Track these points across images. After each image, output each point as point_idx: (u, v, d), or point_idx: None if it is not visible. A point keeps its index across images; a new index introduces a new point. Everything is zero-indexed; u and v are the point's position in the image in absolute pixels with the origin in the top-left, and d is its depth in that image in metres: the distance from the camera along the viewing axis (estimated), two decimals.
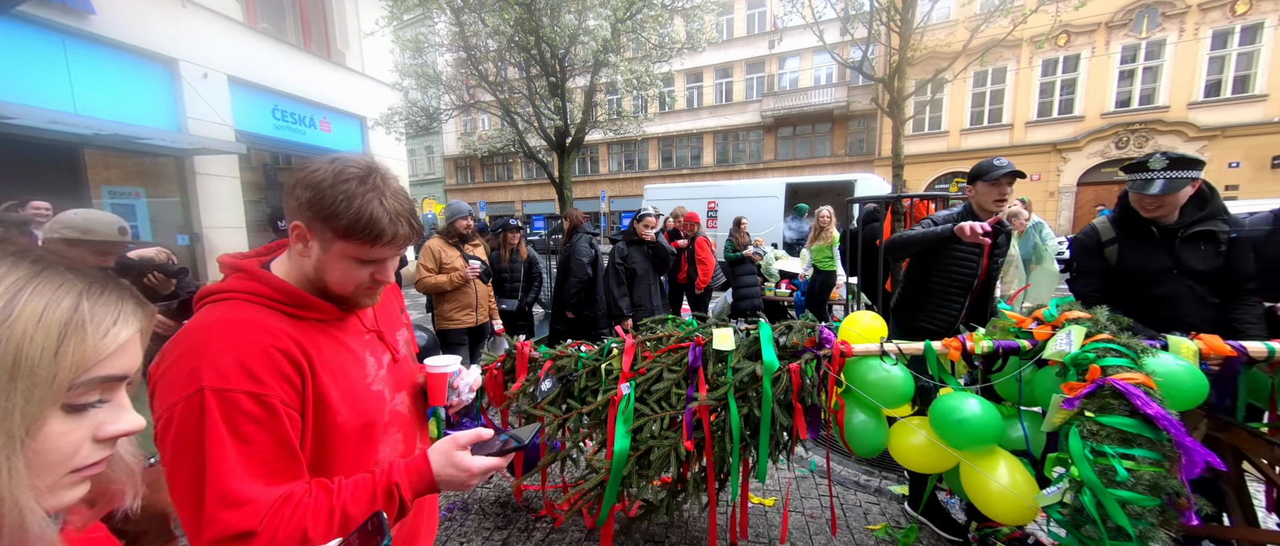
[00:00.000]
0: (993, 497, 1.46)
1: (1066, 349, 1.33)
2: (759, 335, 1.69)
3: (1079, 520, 1.23)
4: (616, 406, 1.70)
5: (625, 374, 1.78)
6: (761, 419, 1.61)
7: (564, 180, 12.32)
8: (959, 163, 15.47)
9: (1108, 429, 1.21)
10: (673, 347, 1.81)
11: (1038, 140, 14.61)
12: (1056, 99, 14.48)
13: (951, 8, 13.58)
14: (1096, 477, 1.19)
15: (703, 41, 12.55)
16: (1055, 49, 14.17)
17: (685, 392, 1.69)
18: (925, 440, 1.60)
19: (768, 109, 18.73)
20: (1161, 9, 12.96)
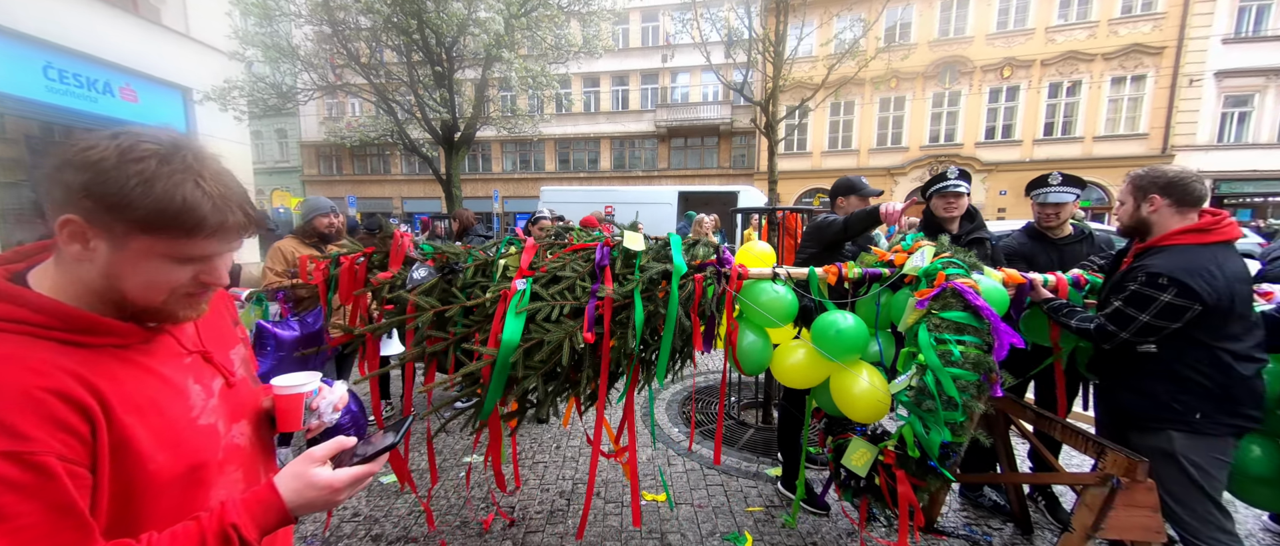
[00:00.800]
0: (856, 399, 1.76)
1: (920, 263, 1.70)
2: (669, 241, 1.76)
3: (921, 398, 1.57)
4: (507, 302, 1.61)
5: (523, 271, 1.70)
6: (666, 319, 1.64)
7: (453, 178, 11.48)
8: (821, 180, 17.83)
9: (948, 321, 1.57)
10: (580, 247, 1.78)
11: (877, 164, 17.48)
12: (890, 131, 17.51)
13: (813, 46, 15.61)
14: (938, 359, 1.53)
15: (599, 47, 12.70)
16: (889, 91, 17.11)
17: (590, 287, 1.66)
18: (804, 357, 1.86)
19: (661, 119, 19.60)
20: (958, 66, 16.44)
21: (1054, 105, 15.80)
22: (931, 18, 16.39)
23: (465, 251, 1.86)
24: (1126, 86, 15.09)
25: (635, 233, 1.77)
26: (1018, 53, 15.80)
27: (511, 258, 1.78)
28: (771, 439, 3.30)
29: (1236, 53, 14.14)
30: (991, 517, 2.49)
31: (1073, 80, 15.49)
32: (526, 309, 1.59)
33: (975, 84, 16.36)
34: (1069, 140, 15.72)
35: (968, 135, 16.62)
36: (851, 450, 1.83)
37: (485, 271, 1.79)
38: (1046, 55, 15.53)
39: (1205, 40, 14.26)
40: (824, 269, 1.83)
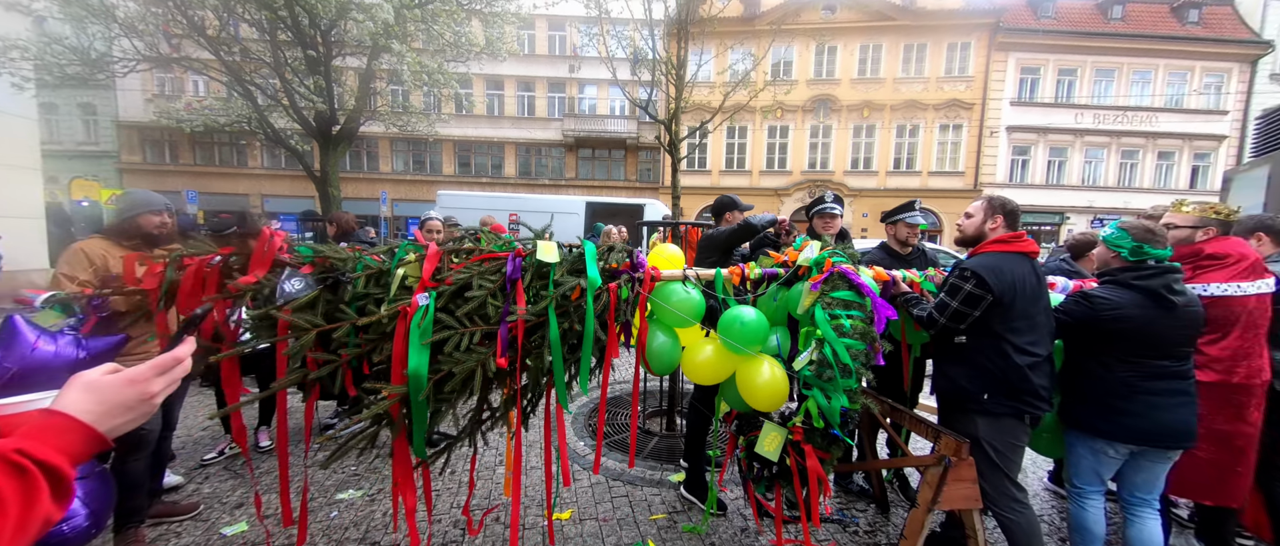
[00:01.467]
0: (759, 388, 1.91)
1: (811, 256, 1.96)
2: (583, 252, 1.70)
3: (820, 371, 1.76)
4: (408, 320, 1.43)
5: (425, 282, 1.52)
6: (584, 334, 1.59)
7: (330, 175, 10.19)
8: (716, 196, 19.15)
9: (837, 299, 1.81)
10: (486, 258, 1.63)
11: (767, 185, 19.29)
12: (777, 156, 19.47)
13: (712, 73, 16.82)
14: (833, 332, 1.75)
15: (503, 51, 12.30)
16: (775, 120, 19.05)
17: (501, 306, 1.54)
18: (712, 353, 1.97)
19: (569, 129, 19.53)
20: (830, 104, 18.91)
21: (901, 143, 18.90)
22: (809, 59, 18.67)
23: (353, 257, 1.61)
24: (949, 132, 18.63)
25: (548, 243, 1.69)
26: (873, 97, 18.66)
27: (411, 266, 1.58)
28: (676, 446, 3.40)
29: (1019, 113, 18.29)
30: (858, 501, 2.83)
31: (913, 124, 18.71)
32: (432, 338, 1.44)
33: (843, 120, 18.94)
34: (911, 173, 18.90)
35: (838, 164, 19.13)
36: (763, 436, 1.94)
37: (379, 281, 1.57)
38: (894, 101, 18.57)
39: (1000, 101, 18.23)
40: (729, 270, 1.97)
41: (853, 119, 18.91)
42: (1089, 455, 1.99)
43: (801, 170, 19.26)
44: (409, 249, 1.62)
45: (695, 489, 2.77)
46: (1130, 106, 18.05)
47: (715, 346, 1.96)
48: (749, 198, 17.77)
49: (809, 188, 18.97)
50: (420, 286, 1.51)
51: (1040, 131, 18.29)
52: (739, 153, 19.57)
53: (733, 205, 2.95)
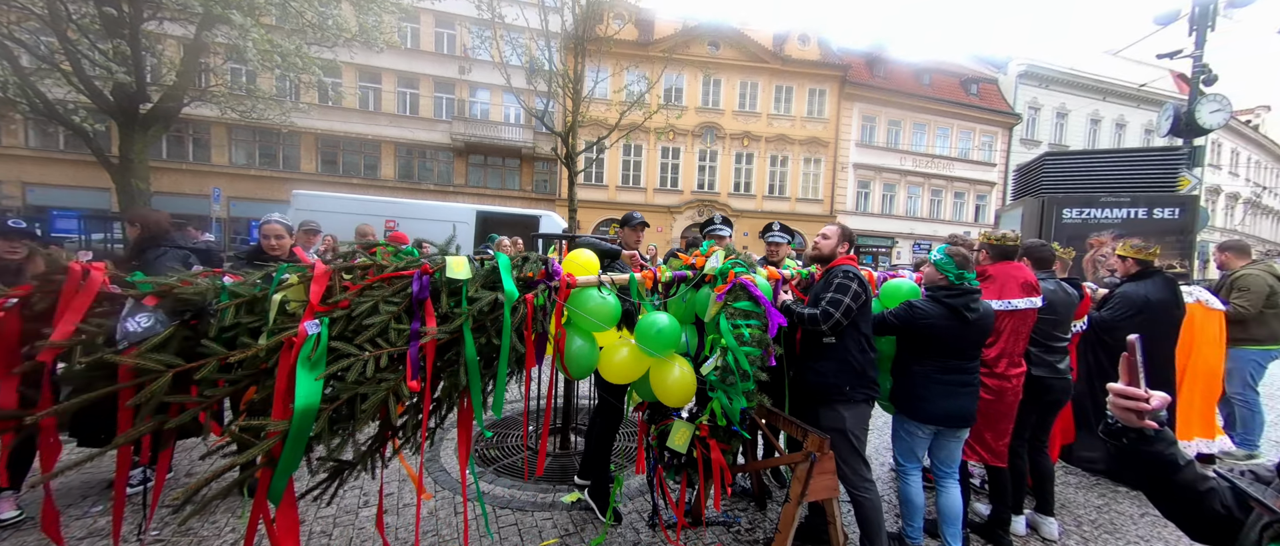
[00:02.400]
0: (672, 386, 2.05)
1: (716, 265, 2.14)
2: (497, 265, 1.68)
3: (725, 375, 1.96)
4: (294, 352, 1.29)
5: (314, 308, 1.37)
6: (502, 349, 1.57)
7: (133, 163, 8.18)
8: (616, 210, 19.51)
9: (739, 309, 2.01)
10: (388, 277, 1.52)
11: (660, 202, 20.22)
12: (670, 175, 20.57)
13: (608, 90, 17.24)
14: (735, 341, 1.95)
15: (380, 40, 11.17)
16: (668, 141, 20.15)
17: (407, 327, 1.45)
18: (628, 355, 2.05)
19: (458, 133, 18.34)
20: (715, 131, 20.63)
21: (774, 172, 21.32)
22: (697, 88, 20.19)
23: (213, 285, 1.40)
24: (811, 165, 21.55)
25: (458, 258, 1.62)
26: (751, 129, 20.82)
27: (293, 289, 1.41)
28: (569, 465, 3.30)
29: (862, 153, 21.90)
30: (740, 500, 3.01)
31: (783, 155, 21.26)
32: (329, 369, 1.31)
33: (727, 147, 20.76)
34: (783, 199, 21.38)
35: (723, 186, 20.86)
36: (674, 432, 2.11)
37: (252, 308, 1.39)
38: (768, 134, 20.94)
39: (849, 142, 21.64)
40: (641, 274, 2.10)
41: (735, 146, 20.85)
42: (905, 436, 2.43)
43: (692, 190, 20.59)
44: (290, 271, 1.45)
45: (599, 496, 2.72)
46: (936, 155, 22.78)
47: (630, 347, 2.05)
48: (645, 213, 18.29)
49: (698, 206, 20.33)
50: (308, 312, 1.36)
51: (877, 170, 22.10)
52: (635, 170, 20.25)
53: (627, 220, 3.10)
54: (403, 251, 1.66)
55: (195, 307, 1.34)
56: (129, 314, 1.27)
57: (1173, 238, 5.63)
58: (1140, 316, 3.01)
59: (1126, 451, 0.90)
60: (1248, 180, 29.99)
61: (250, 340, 1.34)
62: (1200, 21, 7.66)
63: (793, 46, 21.19)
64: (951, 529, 2.39)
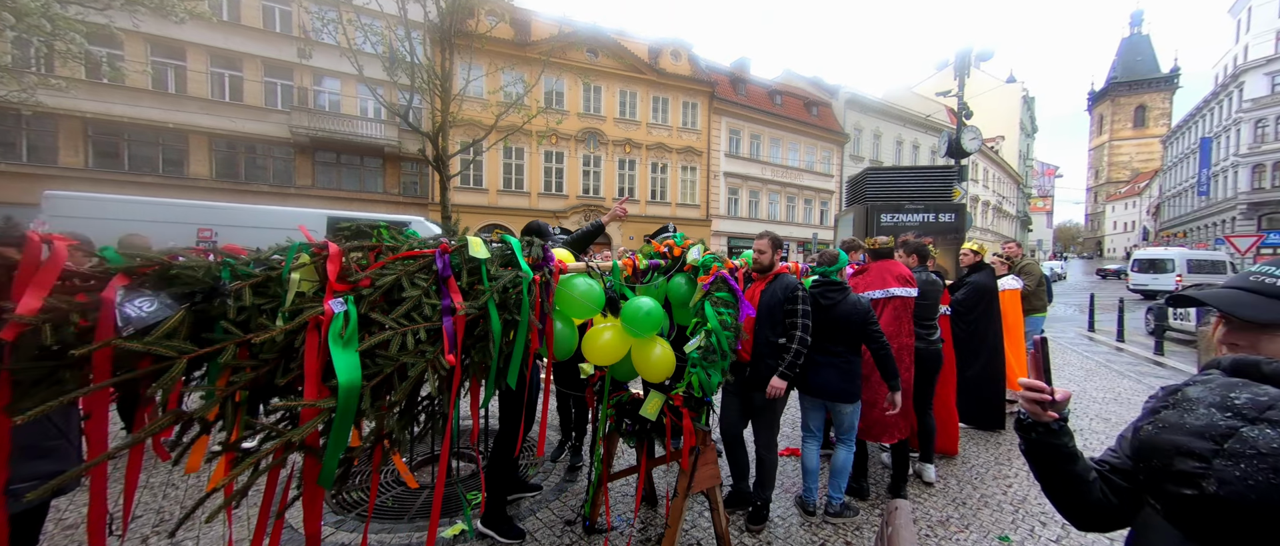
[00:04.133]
0: (653, 362, 2.24)
1: (697, 257, 2.36)
2: (511, 245, 1.79)
3: (707, 354, 2.20)
4: (323, 331, 1.27)
5: (335, 286, 1.36)
6: (520, 325, 1.66)
7: None
8: (497, 216, 18.54)
9: (720, 298, 2.29)
10: (406, 255, 1.57)
11: (546, 207, 19.78)
12: (554, 180, 20.26)
13: (484, 89, 16.35)
14: (718, 325, 2.20)
15: (180, 9, 9.03)
16: (551, 146, 19.85)
17: (438, 303, 1.50)
18: (612, 336, 2.21)
19: (300, 125, 15.68)
20: (599, 136, 20.92)
21: (655, 178, 22.36)
22: (578, 94, 20.26)
23: (212, 264, 1.32)
24: (688, 173, 23.11)
25: (475, 239, 1.73)
26: (633, 136, 21.58)
27: (304, 270, 1.38)
28: (451, 493, 3.00)
29: (731, 163, 24.16)
30: (631, 501, 3.04)
31: (663, 163, 22.44)
32: (368, 343, 1.32)
33: (610, 153, 21.19)
34: (664, 204, 22.53)
35: (608, 191, 21.21)
36: (648, 401, 2.35)
37: (262, 290, 1.34)
38: (648, 142, 21.91)
39: (719, 152, 23.70)
40: (622, 261, 2.30)
41: (618, 153, 21.38)
42: (802, 408, 2.90)
43: (577, 194, 20.54)
44: (301, 251, 1.42)
45: (496, 521, 2.51)
46: (789, 166, 26.17)
47: (614, 330, 2.22)
48: (534, 217, 17.88)
49: (584, 211, 20.35)
50: (329, 291, 1.35)
51: (743, 178, 24.59)
52: (517, 173, 19.51)
53: (541, 231, 3.08)
54: (414, 240, 1.64)
55: (205, 288, 1.24)
56: (127, 298, 1.15)
57: (951, 235, 7.31)
58: (985, 299, 3.95)
59: (1035, 444, 0.99)
60: (994, 192, 40.28)
61: (268, 321, 1.28)
62: (961, 69, 10.02)
63: (666, 60, 22.52)
64: (836, 482, 2.85)
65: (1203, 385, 0.56)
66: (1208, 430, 0.51)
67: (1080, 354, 8.14)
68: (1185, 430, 0.52)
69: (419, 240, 1.63)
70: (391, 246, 1.57)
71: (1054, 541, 2.71)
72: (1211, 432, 0.50)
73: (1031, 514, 2.98)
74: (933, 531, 2.77)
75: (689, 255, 2.38)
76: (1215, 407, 0.52)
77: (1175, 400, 0.58)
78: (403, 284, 1.46)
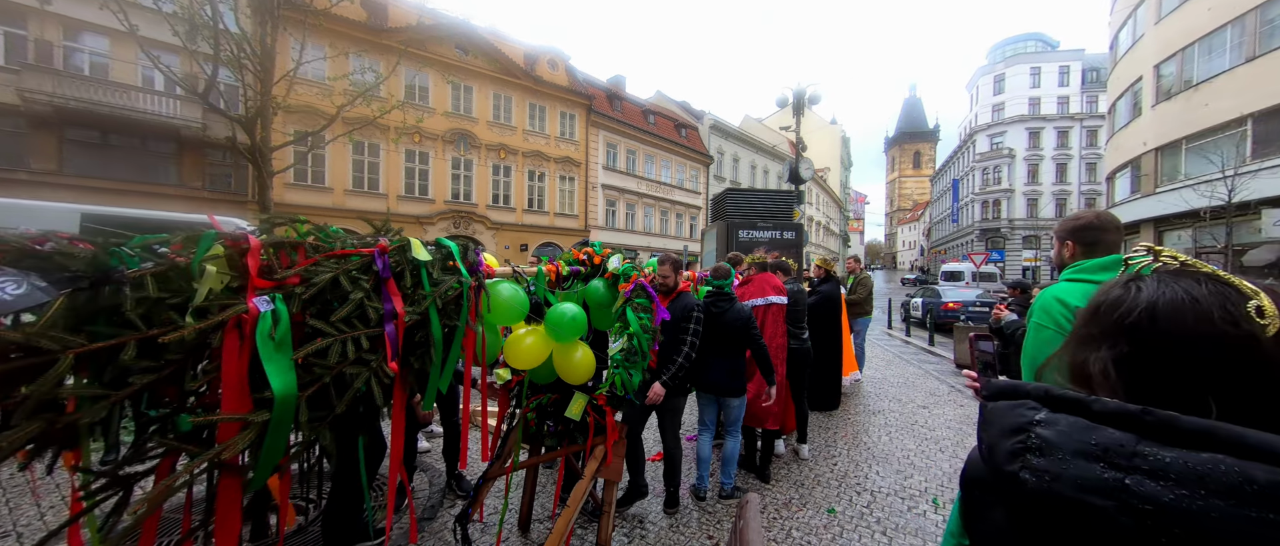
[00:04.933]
0: (576, 364, 2.34)
1: (617, 266, 2.56)
2: (450, 249, 1.79)
3: (629, 354, 2.38)
4: (247, 332, 1.13)
5: (257, 282, 1.21)
6: (458, 330, 1.65)
7: None
8: (346, 219, 16.04)
9: (640, 304, 2.48)
10: (339, 254, 1.45)
11: (407, 211, 17.78)
12: (417, 182, 18.34)
13: (325, 72, 14.15)
14: (639, 328, 2.40)
15: None
16: (413, 144, 17.98)
17: (380, 308, 1.42)
18: (534, 341, 2.27)
19: (36, 89, 11.62)
20: (470, 139, 19.62)
21: (532, 186, 21.76)
22: (446, 92, 18.77)
23: (102, 249, 1.10)
24: (567, 183, 23.01)
25: (416, 241, 1.68)
26: (508, 142, 20.74)
27: (218, 262, 1.19)
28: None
29: (609, 176, 24.73)
30: None
31: (541, 171, 21.97)
32: (304, 351, 1.22)
33: (483, 157, 20.02)
34: (541, 213, 22.03)
35: (480, 197, 19.96)
36: (573, 403, 2.50)
37: (165, 282, 1.15)
38: (525, 149, 21.28)
39: (597, 164, 24.09)
40: (547, 267, 2.44)
41: (492, 158, 20.30)
42: (698, 404, 3.28)
43: (445, 200, 18.91)
44: (212, 240, 1.23)
45: None
46: (662, 182, 27.82)
47: (536, 335, 2.29)
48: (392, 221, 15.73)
49: (454, 218, 18.82)
50: (252, 288, 1.20)
51: (620, 191, 25.36)
52: (371, 172, 17.19)
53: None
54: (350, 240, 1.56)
55: (93, 275, 1.06)
56: None
57: (793, 250, 8.51)
58: (830, 304, 4.89)
59: None
60: (823, 214, 48.21)
61: (176, 317, 1.12)
62: (797, 107, 11.80)
63: (543, 69, 22.25)
64: (727, 469, 3.27)
65: (1051, 427, 0.53)
66: (1096, 486, 0.48)
67: (882, 347, 10.06)
68: (1074, 485, 0.49)
69: (343, 239, 1.52)
70: (322, 243, 1.44)
71: (866, 508, 3.24)
72: (1100, 488, 0.48)
73: (850, 486, 3.54)
74: (779, 514, 3.12)
75: (609, 264, 2.58)
76: (1082, 457, 0.49)
77: (1034, 444, 0.53)
78: (341, 284, 1.34)
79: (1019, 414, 0.56)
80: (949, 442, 4.45)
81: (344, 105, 10.44)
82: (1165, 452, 0.47)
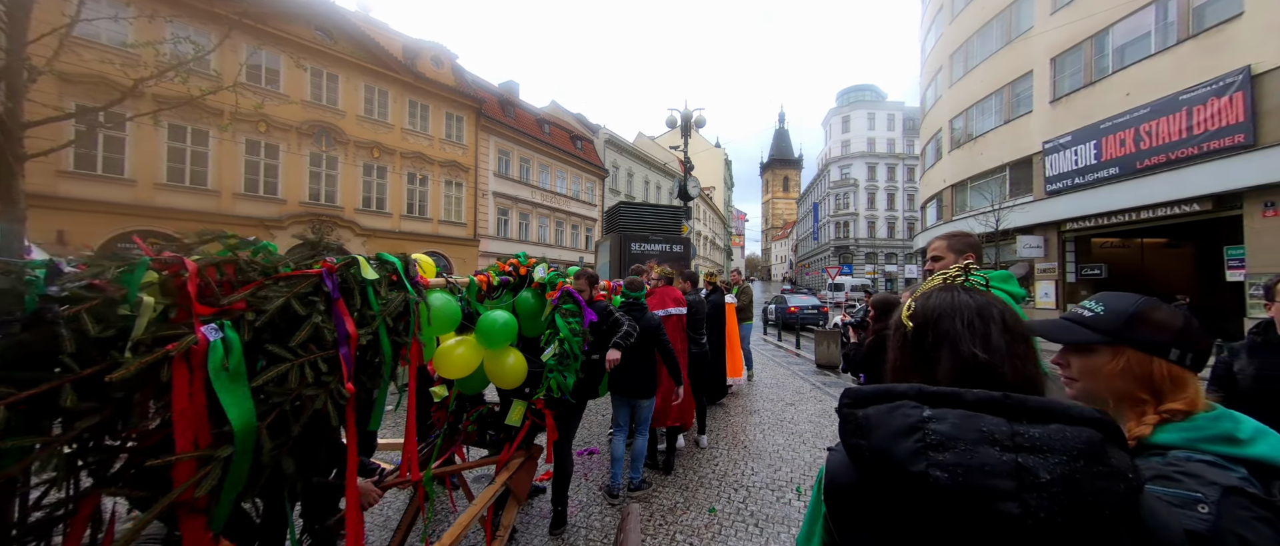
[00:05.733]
0: (507, 370, 2.45)
1: (542, 275, 2.70)
2: (395, 264, 1.74)
3: (563, 359, 2.57)
4: (191, 361, 1.10)
5: (199, 310, 1.16)
6: (397, 348, 1.63)
7: None
8: (154, 220, 12.88)
9: (568, 309, 2.65)
10: (290, 276, 1.40)
11: (248, 212, 14.92)
12: (262, 179, 15.53)
13: (128, 34, 11.34)
14: (568, 332, 2.57)
15: None
16: (259, 135, 15.25)
17: (334, 329, 1.41)
18: (464, 350, 2.32)
19: None
20: (334, 134, 17.26)
21: (413, 190, 19.85)
22: (304, 78, 16.32)
23: (19, 278, 1.03)
24: (453, 189, 21.46)
25: (363, 258, 1.60)
26: (382, 140, 18.71)
27: (151, 289, 1.14)
28: None
29: (500, 184, 23.66)
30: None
31: (423, 174, 20.18)
32: (262, 378, 1.22)
33: (350, 155, 17.73)
34: (424, 219, 20.19)
35: (347, 200, 17.61)
36: (512, 409, 2.63)
37: (100, 315, 1.08)
38: (404, 149, 19.38)
39: (488, 170, 22.90)
40: (478, 277, 2.50)
41: (362, 156, 18.09)
42: (613, 407, 3.54)
43: (300, 200, 16.30)
44: (146, 266, 1.16)
45: None
46: (557, 193, 27.47)
47: (466, 345, 2.34)
48: (224, 224, 13.00)
49: (312, 221, 16.29)
50: (198, 315, 1.16)
51: (513, 200, 24.43)
52: (193, 163, 14.12)
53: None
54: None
55: (23, 314, 0.98)
56: None
57: (681, 263, 9.01)
58: (720, 311, 5.53)
59: None
60: (709, 229, 51.97)
61: (117, 355, 1.06)
62: (685, 128, 12.60)
63: (426, 65, 20.63)
64: (636, 464, 3.58)
65: (942, 422, 0.55)
66: (999, 469, 0.51)
67: (758, 351, 11.10)
68: (982, 471, 0.51)
69: (282, 258, 1.47)
70: (264, 265, 1.38)
71: (742, 503, 3.50)
72: (1002, 471, 0.51)
73: (729, 484, 3.80)
74: (664, 519, 3.22)
75: (535, 273, 2.71)
76: (983, 443, 0.53)
77: (933, 440, 0.54)
78: (294, 307, 1.33)
79: (904, 414, 0.57)
80: (810, 435, 5.02)
81: (146, 79, 8.37)
82: (1033, 430, 0.54)
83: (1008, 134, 17.28)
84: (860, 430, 0.61)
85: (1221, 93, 10.53)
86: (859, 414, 0.62)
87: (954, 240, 1.94)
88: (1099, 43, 13.84)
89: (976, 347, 0.66)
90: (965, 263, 0.79)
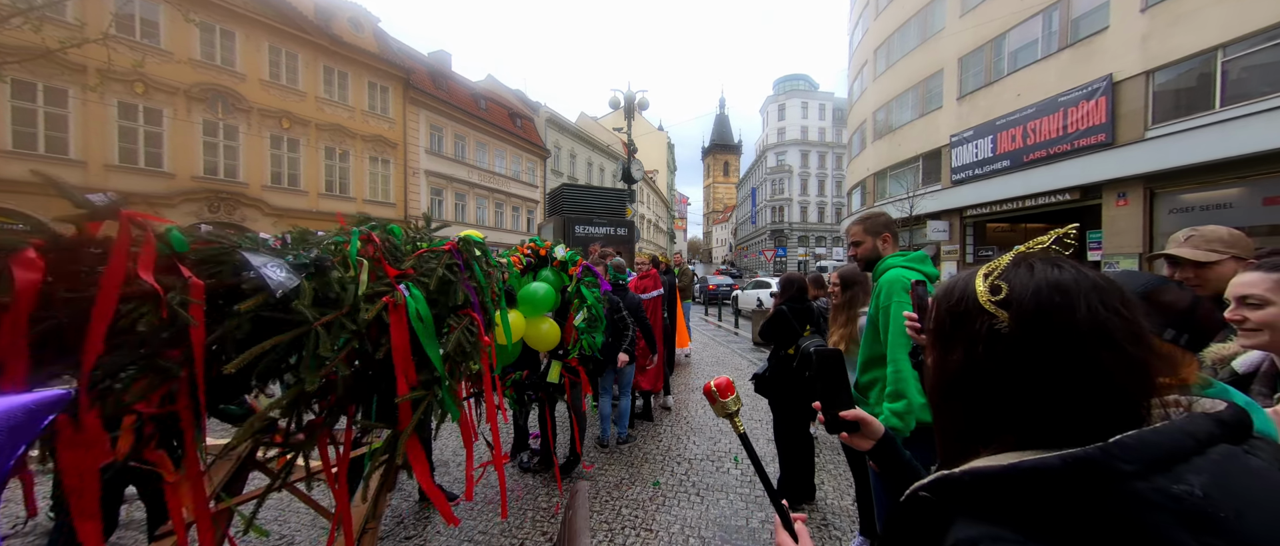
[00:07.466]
0: (543, 335, 2.98)
1: (563, 254, 3.18)
2: (479, 242, 2.08)
3: (590, 326, 3.12)
4: (402, 312, 1.44)
5: (392, 273, 1.52)
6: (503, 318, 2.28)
7: None
8: None
9: (588, 280, 3.19)
10: (444, 249, 1.78)
11: (123, 186, 12.87)
12: (143, 148, 13.45)
13: None
14: (596, 302, 3.16)
15: None
16: (136, 96, 13.16)
17: (468, 294, 1.80)
18: (514, 320, 2.75)
19: None
20: (234, 99, 15.26)
21: (331, 166, 18.13)
22: (192, 35, 14.18)
23: (257, 242, 1.33)
24: (379, 165, 19.86)
25: (477, 232, 2.02)
26: (293, 109, 16.83)
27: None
28: None
29: (432, 161, 22.23)
30: None
31: (343, 149, 18.47)
32: (449, 336, 1.62)
33: (254, 124, 15.81)
34: (346, 198, 18.56)
35: (252, 176, 15.76)
36: (551, 369, 3.08)
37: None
38: (319, 121, 17.58)
39: (418, 147, 21.41)
40: (512, 257, 3.03)
41: (269, 127, 16.20)
42: (600, 373, 3.90)
43: (192, 175, 14.36)
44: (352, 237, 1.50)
45: None
46: (496, 172, 26.31)
47: (515, 315, 2.78)
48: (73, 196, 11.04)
49: (210, 199, 14.47)
50: (391, 274, 1.49)
51: (448, 179, 23.08)
52: (51, 128, 11.94)
53: None
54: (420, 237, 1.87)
55: (314, 262, 1.30)
56: (263, 262, 1.19)
57: (626, 246, 9.05)
58: (670, 291, 5.91)
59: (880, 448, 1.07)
60: (653, 212, 52.39)
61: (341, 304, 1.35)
62: (628, 110, 12.51)
63: (343, 27, 18.72)
64: (623, 422, 4.21)
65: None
66: None
67: (700, 331, 11.50)
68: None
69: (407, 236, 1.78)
70: (406, 242, 1.69)
71: (684, 475, 3.65)
72: None
73: (672, 458, 3.95)
74: (611, 494, 3.30)
75: (556, 253, 3.18)
76: None
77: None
78: (447, 276, 1.61)
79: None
80: (746, 406, 5.34)
81: None
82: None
83: (922, 127, 18.87)
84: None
85: (1090, 96, 12.17)
86: None
87: (868, 222, 2.11)
88: (997, 46, 15.39)
89: (1140, 349, 0.48)
90: (1065, 230, 0.61)
